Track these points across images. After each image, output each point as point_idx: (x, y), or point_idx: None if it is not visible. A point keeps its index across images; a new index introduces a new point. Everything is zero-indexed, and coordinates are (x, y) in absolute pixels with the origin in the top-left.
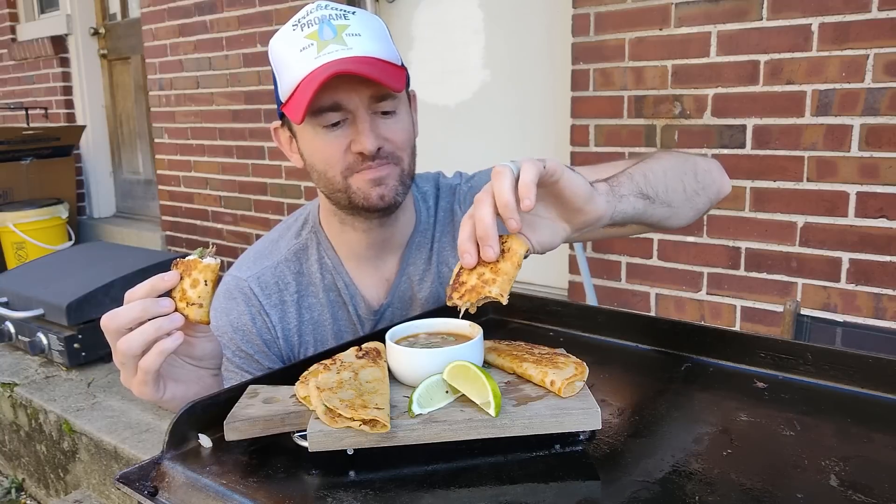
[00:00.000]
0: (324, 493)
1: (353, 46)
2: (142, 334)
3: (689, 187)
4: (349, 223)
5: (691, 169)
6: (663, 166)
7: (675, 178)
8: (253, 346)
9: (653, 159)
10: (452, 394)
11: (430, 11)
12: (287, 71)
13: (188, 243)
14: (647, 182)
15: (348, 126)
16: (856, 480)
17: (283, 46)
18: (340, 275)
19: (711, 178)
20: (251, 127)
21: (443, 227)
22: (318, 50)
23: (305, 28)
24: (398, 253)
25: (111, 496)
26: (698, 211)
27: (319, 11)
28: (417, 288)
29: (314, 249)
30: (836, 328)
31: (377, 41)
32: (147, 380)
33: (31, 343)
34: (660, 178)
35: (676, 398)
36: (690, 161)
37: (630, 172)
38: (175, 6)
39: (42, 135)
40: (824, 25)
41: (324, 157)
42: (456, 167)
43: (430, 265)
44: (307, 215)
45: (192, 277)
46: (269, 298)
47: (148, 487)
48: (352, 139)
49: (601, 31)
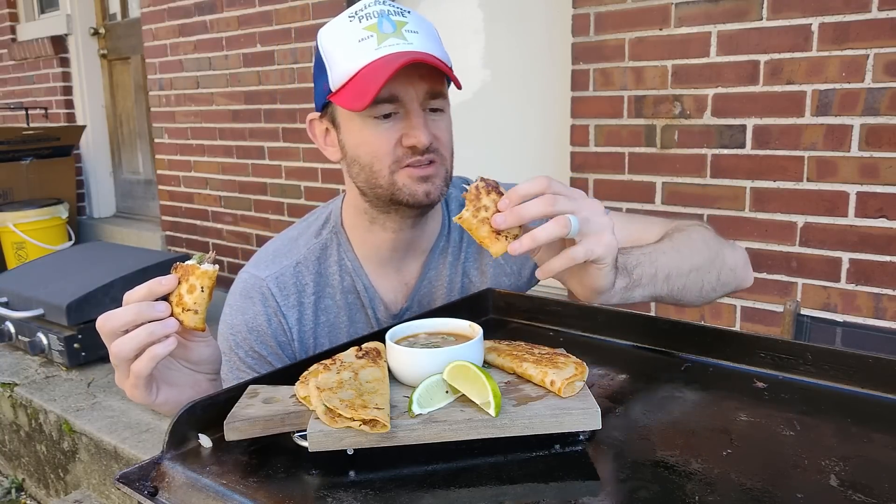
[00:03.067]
0: (324, 493)
1: (412, 42)
2: (134, 338)
3: (708, 286)
4: (379, 222)
5: (717, 268)
6: (692, 263)
7: (697, 279)
8: (266, 347)
9: (688, 248)
10: (452, 394)
11: (430, 12)
12: (342, 60)
13: (188, 243)
14: (667, 282)
15: (400, 120)
16: (856, 480)
17: (337, 36)
18: (360, 277)
19: (734, 276)
20: (251, 127)
21: (470, 238)
22: (378, 42)
23: (364, 20)
24: (422, 258)
25: (111, 496)
26: (709, 301)
27: (378, 6)
28: (438, 293)
29: (334, 250)
30: (836, 328)
31: (433, 41)
32: (139, 383)
33: (31, 343)
34: (681, 279)
35: (676, 398)
36: (720, 255)
37: (657, 268)
38: (175, 6)
39: (42, 135)
40: (824, 25)
41: (372, 149)
42: (456, 167)
43: (454, 273)
44: (328, 214)
45: (189, 283)
46: (288, 300)
47: (148, 487)
48: (403, 133)
49: (601, 31)
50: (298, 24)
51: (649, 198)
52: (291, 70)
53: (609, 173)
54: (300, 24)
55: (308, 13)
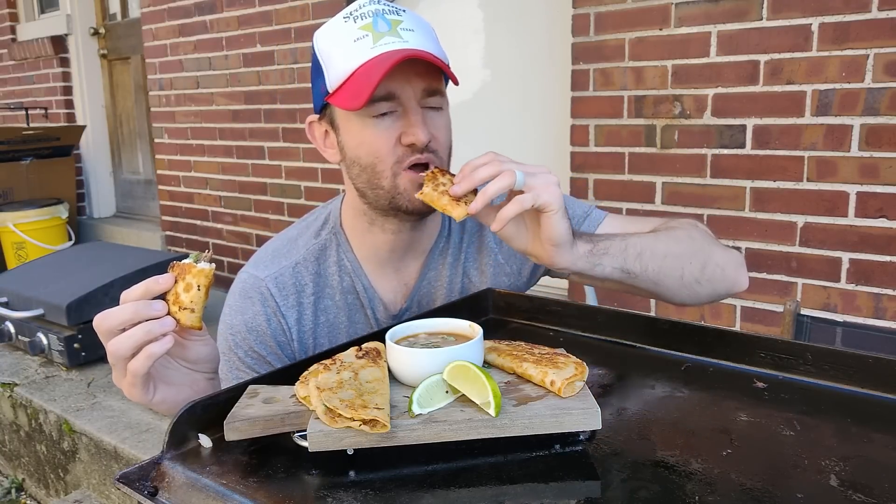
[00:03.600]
0: (324, 493)
1: (408, 40)
2: (131, 337)
3: (689, 276)
4: (378, 224)
5: (701, 259)
6: (668, 249)
7: (675, 264)
8: (266, 347)
9: (667, 236)
10: (452, 394)
11: (430, 12)
12: (339, 61)
13: (188, 243)
14: (639, 259)
15: (398, 118)
16: (856, 480)
17: (332, 37)
18: (360, 277)
19: (722, 274)
20: (251, 127)
21: (470, 238)
22: (373, 41)
23: (359, 20)
24: (421, 258)
25: (111, 496)
26: (699, 298)
27: (372, 6)
28: (438, 294)
29: (333, 251)
30: (836, 328)
31: (429, 38)
32: (136, 382)
33: (31, 343)
34: (656, 260)
35: (676, 398)
36: (706, 250)
37: (627, 243)
38: (175, 6)
39: (42, 135)
40: (824, 25)
41: (373, 149)
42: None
43: (454, 273)
44: (327, 215)
45: (185, 282)
46: (287, 300)
47: (148, 487)
48: (402, 131)
49: (601, 31)
50: (298, 24)
51: (649, 198)
52: (291, 70)
53: (609, 173)
54: (300, 24)
55: (308, 13)
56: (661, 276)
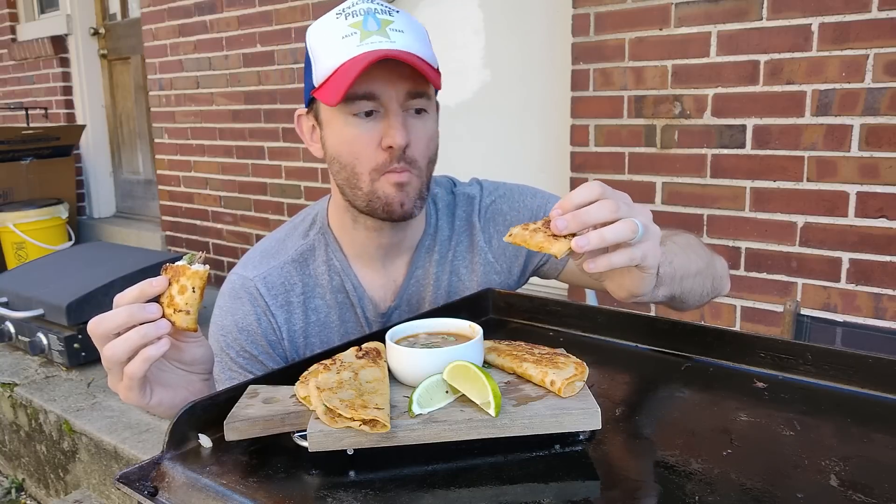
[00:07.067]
0: (324, 493)
1: (395, 40)
2: (126, 341)
3: (705, 292)
4: (361, 221)
5: (712, 274)
6: (697, 267)
7: (700, 283)
8: (258, 346)
9: (692, 252)
10: (452, 394)
11: (430, 11)
12: (325, 56)
13: (188, 243)
14: (681, 284)
15: (380, 120)
16: (856, 480)
17: (323, 32)
18: (349, 276)
19: (721, 285)
20: (251, 127)
21: (459, 237)
22: (360, 39)
23: (349, 17)
24: (407, 256)
25: (111, 496)
26: (698, 307)
27: (365, 4)
28: (426, 292)
29: (322, 251)
30: (836, 328)
31: (419, 41)
32: (132, 385)
33: (31, 343)
34: (689, 282)
35: (676, 398)
36: (713, 265)
37: (674, 267)
38: (175, 6)
39: (42, 135)
40: (824, 25)
41: (353, 149)
42: (455, 168)
43: (442, 271)
44: (315, 216)
45: (180, 284)
46: (276, 299)
47: (148, 487)
48: (383, 134)
49: (601, 31)
50: (298, 24)
51: (649, 198)
52: (291, 70)
53: (609, 173)
54: (300, 24)
55: (308, 13)
56: (687, 297)
